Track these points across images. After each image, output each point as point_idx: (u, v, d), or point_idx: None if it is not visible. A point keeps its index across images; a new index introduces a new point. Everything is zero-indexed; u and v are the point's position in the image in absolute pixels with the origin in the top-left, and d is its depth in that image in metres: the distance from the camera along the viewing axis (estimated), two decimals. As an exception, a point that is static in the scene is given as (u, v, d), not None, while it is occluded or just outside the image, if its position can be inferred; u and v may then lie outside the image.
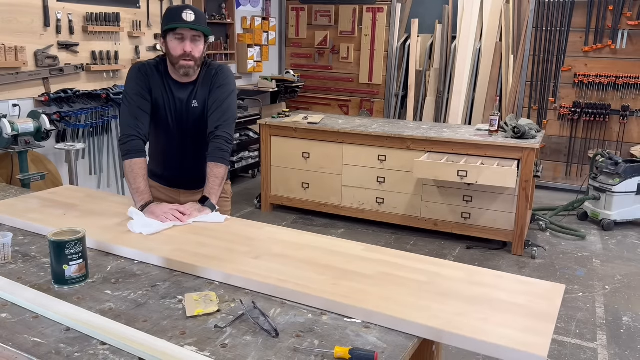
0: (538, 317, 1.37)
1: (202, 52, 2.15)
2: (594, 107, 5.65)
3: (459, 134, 4.32)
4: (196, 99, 2.22)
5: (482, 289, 1.53)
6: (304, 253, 1.75)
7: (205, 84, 2.23)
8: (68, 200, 2.24)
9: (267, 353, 1.21)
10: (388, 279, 1.58)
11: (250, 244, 1.82)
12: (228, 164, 2.21)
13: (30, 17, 3.94)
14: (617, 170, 4.67)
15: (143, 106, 2.17)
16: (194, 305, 1.40)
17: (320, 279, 1.55)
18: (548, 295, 1.50)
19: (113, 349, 1.22)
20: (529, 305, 1.44)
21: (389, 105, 6.58)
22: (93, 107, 4.40)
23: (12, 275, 1.58)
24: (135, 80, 2.17)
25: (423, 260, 1.73)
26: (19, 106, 3.86)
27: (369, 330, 1.32)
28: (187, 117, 2.23)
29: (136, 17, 4.82)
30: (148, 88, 2.18)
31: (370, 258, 1.73)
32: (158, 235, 1.87)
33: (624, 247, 4.36)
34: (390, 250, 1.80)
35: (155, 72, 2.19)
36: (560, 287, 1.56)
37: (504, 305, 1.44)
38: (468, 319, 1.35)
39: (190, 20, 2.07)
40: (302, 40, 6.92)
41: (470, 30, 5.96)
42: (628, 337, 3.03)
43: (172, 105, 2.21)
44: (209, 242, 1.82)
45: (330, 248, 1.80)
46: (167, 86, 2.20)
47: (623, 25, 5.43)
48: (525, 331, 1.30)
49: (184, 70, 2.13)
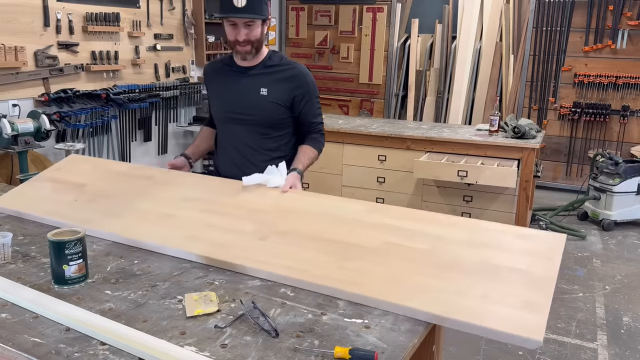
0: (538, 287, 1.39)
1: (259, 35, 2.13)
2: (594, 107, 5.65)
3: (459, 134, 4.32)
4: (266, 88, 2.20)
5: (483, 253, 1.53)
6: (310, 225, 1.74)
7: (286, 80, 2.21)
8: (76, 179, 2.19)
9: (267, 353, 1.20)
10: (392, 251, 1.58)
11: (255, 218, 1.81)
12: (319, 152, 2.31)
13: (30, 17, 3.94)
14: (617, 170, 4.67)
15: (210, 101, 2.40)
16: (193, 305, 1.40)
17: (325, 262, 1.56)
18: (548, 253, 1.51)
19: (113, 349, 1.22)
20: (529, 270, 1.45)
21: (389, 105, 6.58)
22: (93, 107, 4.40)
23: (12, 275, 1.58)
24: (204, 75, 2.42)
25: (424, 220, 1.72)
26: (19, 106, 3.86)
27: (369, 330, 1.32)
28: (252, 104, 2.21)
29: (136, 17, 4.82)
30: (208, 84, 2.36)
31: (373, 222, 1.72)
32: (168, 219, 1.86)
33: (624, 247, 4.36)
34: (392, 210, 1.79)
35: (219, 66, 2.30)
36: (561, 240, 1.57)
37: (504, 272, 1.46)
38: (468, 298, 1.38)
39: (240, 5, 2.03)
40: (302, 40, 6.91)
41: (470, 30, 5.95)
42: (628, 337, 3.03)
43: (236, 91, 2.23)
44: (216, 222, 1.81)
45: (334, 212, 1.80)
46: (232, 72, 2.26)
47: (623, 25, 5.43)
48: (524, 308, 1.33)
49: (241, 55, 2.16)
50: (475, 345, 2.91)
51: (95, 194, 2.08)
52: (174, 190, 2.04)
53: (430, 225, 1.68)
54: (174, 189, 2.05)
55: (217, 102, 2.31)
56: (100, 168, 2.30)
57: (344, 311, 1.41)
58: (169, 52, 5.27)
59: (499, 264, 1.49)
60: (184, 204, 1.94)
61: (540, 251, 1.53)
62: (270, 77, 2.20)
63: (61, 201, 2.05)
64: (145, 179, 2.14)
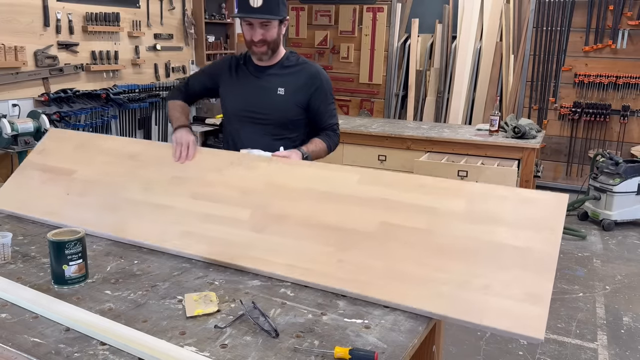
0: (539, 270, 1.41)
1: (276, 35, 2.10)
2: (594, 107, 5.64)
3: (459, 134, 4.32)
4: (284, 87, 2.18)
5: (482, 229, 1.50)
6: (303, 207, 1.71)
7: (303, 80, 2.19)
8: (62, 164, 2.14)
9: (267, 353, 1.20)
10: (389, 235, 1.56)
11: (248, 201, 1.78)
12: (329, 147, 2.26)
13: (30, 17, 3.94)
14: (617, 170, 4.67)
15: (198, 83, 2.35)
16: (193, 306, 1.40)
17: (325, 255, 1.57)
18: (551, 222, 1.51)
19: (113, 349, 1.21)
20: (531, 247, 1.45)
21: (389, 105, 6.57)
22: (93, 107, 4.40)
23: (11, 275, 1.58)
24: (216, 63, 2.38)
25: (419, 188, 1.65)
26: (19, 106, 3.86)
27: (369, 330, 1.32)
28: (269, 103, 2.19)
29: (136, 17, 4.82)
30: (215, 74, 2.30)
31: (368, 197, 1.67)
32: (163, 212, 1.84)
33: (624, 247, 4.36)
34: (385, 177, 1.75)
35: (237, 62, 2.26)
36: (562, 201, 1.56)
37: (505, 253, 1.45)
38: (469, 291, 1.39)
39: (257, 5, 2.00)
40: (302, 40, 6.91)
41: (470, 30, 5.95)
42: (628, 337, 3.03)
43: (253, 90, 2.20)
44: (210, 212, 1.79)
45: (326, 189, 1.75)
46: (250, 71, 2.22)
47: (623, 25, 5.43)
48: (526, 300, 1.34)
49: (257, 56, 2.15)
50: (476, 345, 2.91)
51: (85, 184, 2.03)
52: (161, 170, 1.99)
53: (426, 195, 1.62)
54: (161, 169, 1.99)
55: (232, 99, 2.27)
56: (83, 147, 2.21)
57: (344, 311, 1.41)
58: (169, 52, 5.27)
59: (499, 243, 1.47)
60: (174, 189, 1.90)
61: (543, 218, 1.51)
62: (288, 77, 2.19)
63: (54, 195, 2.03)
64: (130, 158, 2.08)
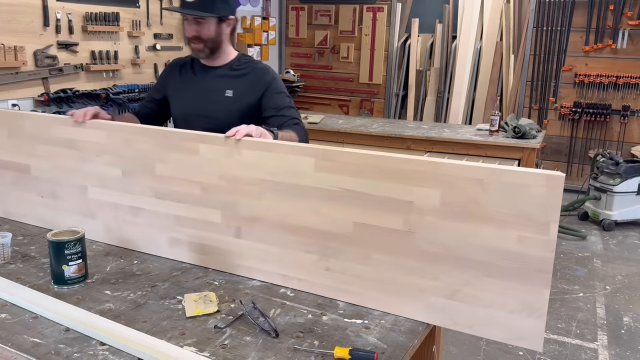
0: (532, 277, 1.29)
1: (212, 33, 2.01)
2: (594, 107, 5.64)
3: (460, 134, 4.32)
4: (232, 89, 2.08)
5: (464, 228, 1.31)
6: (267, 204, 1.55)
7: (252, 81, 2.08)
8: (16, 158, 1.98)
9: (267, 353, 1.20)
10: (366, 237, 1.42)
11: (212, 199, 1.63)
12: (299, 136, 1.97)
13: (30, 16, 3.94)
14: (617, 170, 4.67)
15: (148, 101, 2.28)
16: (193, 306, 1.40)
17: (311, 263, 1.50)
18: (545, 215, 1.35)
19: (112, 349, 1.21)
20: (522, 252, 1.30)
21: (389, 105, 6.57)
22: (93, 107, 4.39)
23: (11, 275, 1.58)
24: (162, 73, 2.32)
25: (386, 174, 1.40)
26: (19, 106, 3.86)
27: (369, 330, 1.31)
28: (216, 105, 2.09)
29: (136, 16, 4.81)
30: (161, 84, 2.24)
31: (333, 190, 1.47)
32: (138, 217, 1.75)
33: (624, 247, 4.36)
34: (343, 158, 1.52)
35: (183, 63, 2.19)
36: (559, 178, 1.34)
37: (493, 259, 1.29)
38: (461, 302, 1.34)
39: (190, 0, 1.95)
40: (302, 40, 6.91)
41: (470, 29, 5.95)
42: (629, 337, 3.03)
43: (200, 91, 2.13)
44: (182, 214, 1.68)
45: (283, 180, 1.53)
46: (196, 72, 2.15)
47: (624, 25, 5.42)
48: (521, 312, 1.30)
49: (194, 53, 2.10)
50: (475, 345, 2.91)
51: (48, 184, 1.93)
52: (108, 162, 1.79)
53: (395, 183, 1.38)
54: (105, 158, 1.79)
55: (177, 101, 2.18)
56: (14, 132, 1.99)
57: (344, 311, 1.41)
58: (169, 51, 5.26)
59: (485, 246, 1.29)
60: (131, 186, 1.75)
61: (534, 207, 1.31)
62: (237, 79, 2.10)
63: (29, 201, 1.99)
64: (70, 148, 1.86)
